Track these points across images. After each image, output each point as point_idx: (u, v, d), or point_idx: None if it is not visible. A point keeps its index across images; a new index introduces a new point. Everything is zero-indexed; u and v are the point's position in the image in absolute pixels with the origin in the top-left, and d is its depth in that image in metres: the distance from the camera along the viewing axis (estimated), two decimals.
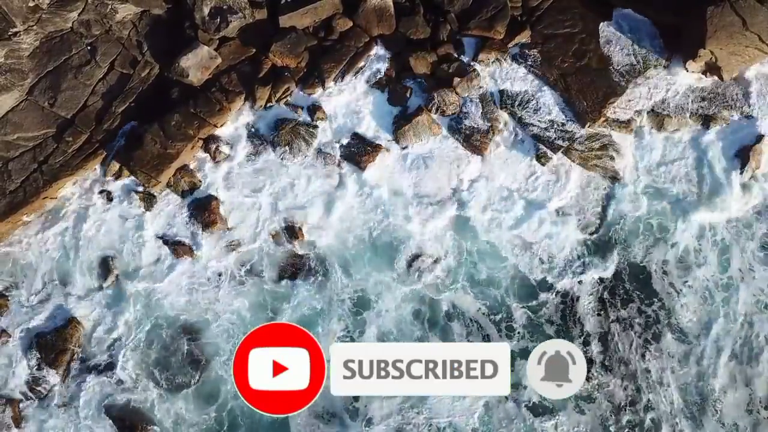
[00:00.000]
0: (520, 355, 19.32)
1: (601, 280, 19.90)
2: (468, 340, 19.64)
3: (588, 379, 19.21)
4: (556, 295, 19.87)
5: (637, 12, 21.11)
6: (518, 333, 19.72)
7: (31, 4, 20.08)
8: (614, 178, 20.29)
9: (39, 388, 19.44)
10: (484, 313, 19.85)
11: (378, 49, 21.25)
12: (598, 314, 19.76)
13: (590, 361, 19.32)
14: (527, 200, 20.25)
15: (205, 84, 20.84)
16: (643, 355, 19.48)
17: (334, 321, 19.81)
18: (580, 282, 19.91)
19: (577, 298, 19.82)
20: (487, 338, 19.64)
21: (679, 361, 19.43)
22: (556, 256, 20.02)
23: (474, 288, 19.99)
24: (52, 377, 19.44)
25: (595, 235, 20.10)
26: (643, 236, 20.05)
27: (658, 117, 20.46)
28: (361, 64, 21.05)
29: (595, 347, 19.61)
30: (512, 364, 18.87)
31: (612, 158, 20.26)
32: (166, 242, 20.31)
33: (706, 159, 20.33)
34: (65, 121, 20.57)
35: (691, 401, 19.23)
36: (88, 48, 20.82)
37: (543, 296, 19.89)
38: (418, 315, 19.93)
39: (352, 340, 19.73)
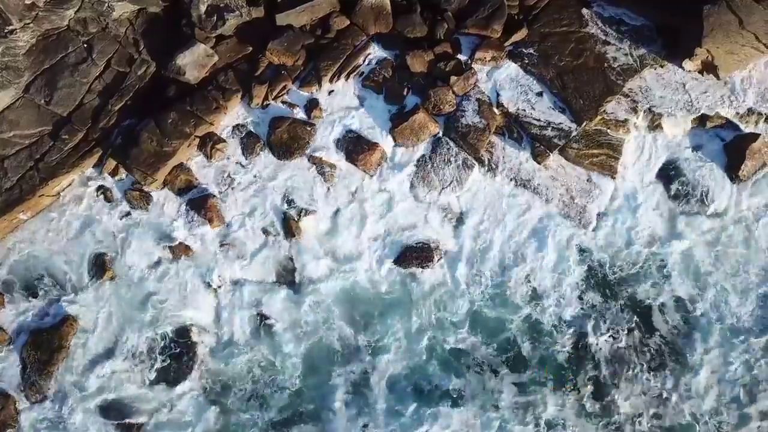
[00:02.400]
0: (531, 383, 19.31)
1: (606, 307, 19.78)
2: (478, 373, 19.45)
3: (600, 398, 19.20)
4: (564, 328, 19.67)
5: (635, 11, 21.16)
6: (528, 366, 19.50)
7: (27, 1, 20.07)
8: (611, 176, 20.27)
9: (35, 386, 19.38)
10: (492, 354, 19.57)
11: (375, 48, 21.26)
12: (609, 341, 19.54)
13: (599, 383, 19.27)
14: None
15: (202, 82, 20.85)
16: (651, 379, 19.27)
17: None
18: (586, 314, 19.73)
19: (585, 335, 19.60)
20: (495, 373, 19.36)
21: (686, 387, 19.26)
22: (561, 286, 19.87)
23: (482, 331, 19.71)
24: (48, 375, 19.38)
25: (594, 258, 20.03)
26: (644, 271, 19.86)
27: (655, 116, 20.48)
28: (358, 62, 21.06)
29: (606, 370, 19.34)
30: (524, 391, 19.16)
31: (608, 156, 20.26)
32: (162, 241, 20.26)
33: (703, 159, 20.34)
34: (61, 119, 20.55)
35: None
36: (85, 46, 20.82)
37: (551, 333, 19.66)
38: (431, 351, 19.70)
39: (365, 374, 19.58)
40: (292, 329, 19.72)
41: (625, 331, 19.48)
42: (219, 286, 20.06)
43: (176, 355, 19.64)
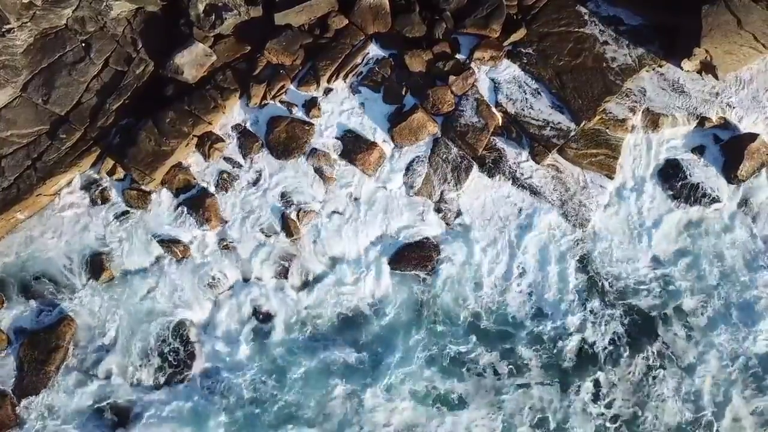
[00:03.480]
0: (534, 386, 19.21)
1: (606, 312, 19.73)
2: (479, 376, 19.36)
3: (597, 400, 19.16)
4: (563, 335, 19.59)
5: (633, 10, 21.19)
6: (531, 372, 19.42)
7: (25, 0, 20.02)
8: (610, 176, 20.27)
9: (30, 385, 19.33)
10: (493, 358, 19.46)
11: (373, 47, 21.27)
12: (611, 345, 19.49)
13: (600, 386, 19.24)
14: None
15: (200, 81, 20.84)
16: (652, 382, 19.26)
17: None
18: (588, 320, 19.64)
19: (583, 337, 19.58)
20: (498, 378, 19.24)
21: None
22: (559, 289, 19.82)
23: (482, 335, 19.56)
24: (45, 375, 19.32)
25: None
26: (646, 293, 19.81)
27: (653, 116, 20.48)
28: (357, 61, 21.04)
29: (606, 373, 19.29)
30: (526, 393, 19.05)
31: (607, 156, 20.27)
32: (160, 240, 20.21)
33: (701, 159, 20.36)
34: (59, 118, 20.51)
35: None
36: (83, 45, 20.80)
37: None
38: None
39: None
40: (290, 331, 19.69)
41: (625, 332, 19.49)
42: (218, 286, 19.99)
43: (174, 355, 19.56)
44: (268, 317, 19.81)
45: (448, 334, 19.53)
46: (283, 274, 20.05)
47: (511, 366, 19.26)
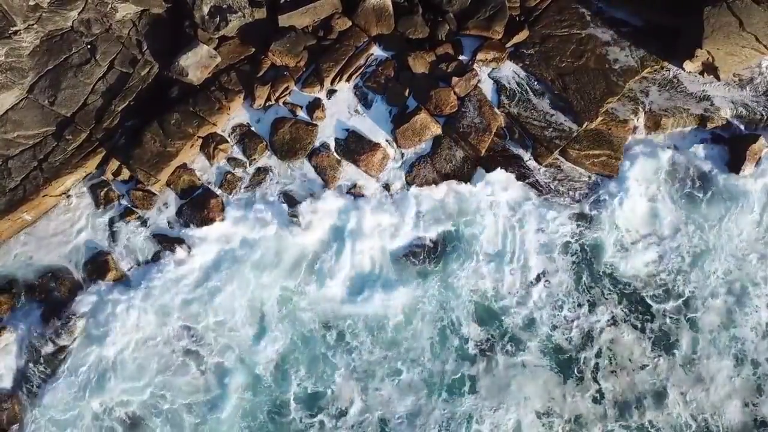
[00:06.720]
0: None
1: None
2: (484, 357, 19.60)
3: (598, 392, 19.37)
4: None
5: (635, 12, 21.26)
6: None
7: (31, 2, 20.16)
8: (612, 176, 20.36)
9: (37, 386, 19.48)
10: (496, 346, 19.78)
11: (377, 49, 21.36)
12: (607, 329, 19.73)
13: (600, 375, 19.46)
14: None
15: (205, 83, 20.94)
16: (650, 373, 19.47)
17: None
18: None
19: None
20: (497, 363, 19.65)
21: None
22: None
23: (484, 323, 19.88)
24: (52, 374, 19.48)
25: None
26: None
27: (655, 116, 20.56)
28: (360, 63, 21.14)
29: (607, 363, 19.51)
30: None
31: (609, 157, 20.34)
32: (164, 240, 20.34)
33: (703, 160, 20.46)
34: (65, 120, 20.64)
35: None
36: (88, 47, 20.91)
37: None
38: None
39: None
40: (295, 329, 19.84)
41: (627, 327, 19.65)
42: (221, 285, 20.11)
43: (182, 354, 19.68)
44: (272, 314, 19.91)
45: (452, 320, 19.83)
46: (287, 273, 20.14)
47: (512, 354, 19.57)
